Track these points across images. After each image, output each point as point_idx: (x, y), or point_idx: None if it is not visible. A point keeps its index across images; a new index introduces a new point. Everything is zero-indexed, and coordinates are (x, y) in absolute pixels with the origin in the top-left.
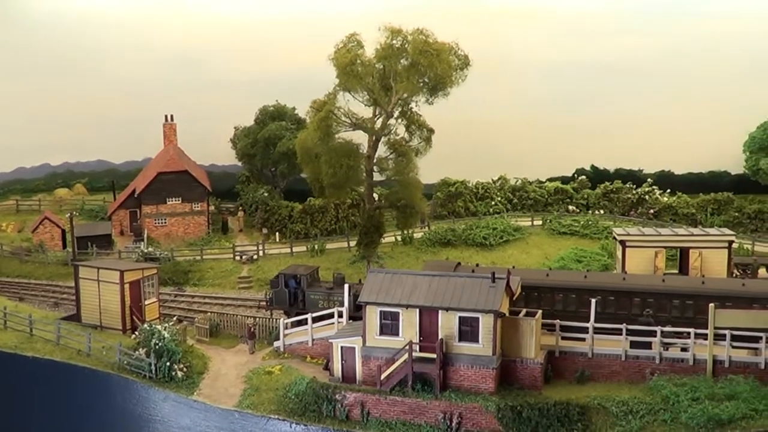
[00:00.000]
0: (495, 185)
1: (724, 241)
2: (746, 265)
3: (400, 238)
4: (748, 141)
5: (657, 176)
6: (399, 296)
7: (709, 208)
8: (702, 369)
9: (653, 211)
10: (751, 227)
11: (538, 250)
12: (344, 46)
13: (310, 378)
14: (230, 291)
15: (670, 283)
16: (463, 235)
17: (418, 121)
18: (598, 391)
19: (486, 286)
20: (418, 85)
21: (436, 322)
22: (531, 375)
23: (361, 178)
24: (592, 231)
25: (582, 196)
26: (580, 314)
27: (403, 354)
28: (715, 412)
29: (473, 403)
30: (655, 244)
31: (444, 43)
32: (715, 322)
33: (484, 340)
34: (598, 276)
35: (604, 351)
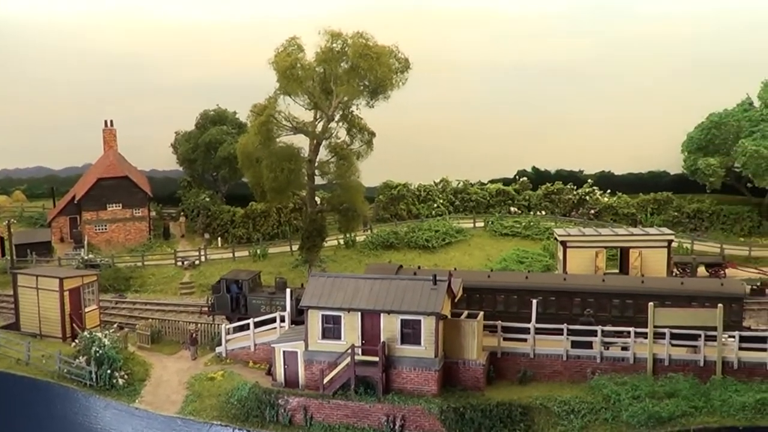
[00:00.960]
0: (437, 187)
1: (663, 240)
2: (686, 264)
3: (343, 242)
4: (686, 141)
5: (597, 177)
6: (341, 300)
7: (649, 208)
8: (642, 367)
9: (594, 212)
10: (691, 226)
11: (480, 252)
12: (284, 49)
13: (252, 383)
14: (172, 297)
15: (610, 282)
16: (406, 237)
17: (359, 124)
18: (540, 391)
19: (427, 289)
20: (358, 89)
21: (378, 325)
22: (473, 376)
23: (302, 181)
24: (534, 232)
25: (523, 197)
26: (522, 315)
27: (345, 357)
28: (656, 410)
29: (416, 406)
30: (595, 244)
31: (384, 46)
32: (655, 321)
33: (426, 342)
34: (539, 277)
35: (546, 351)
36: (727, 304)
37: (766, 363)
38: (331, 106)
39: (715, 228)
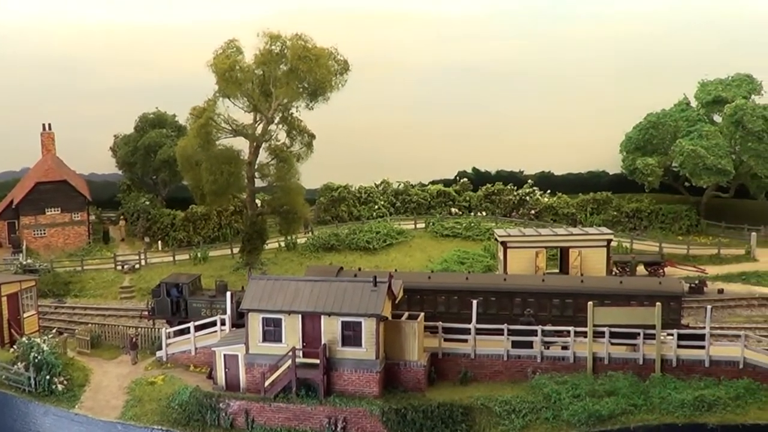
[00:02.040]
0: (378, 189)
1: (602, 240)
2: (625, 263)
3: (284, 244)
4: (625, 141)
5: (537, 177)
6: (281, 302)
7: (589, 208)
8: (582, 366)
9: (534, 212)
10: (630, 226)
11: (421, 253)
12: (223, 52)
13: (193, 387)
14: (112, 301)
15: (549, 282)
16: (347, 239)
17: (298, 126)
18: (481, 391)
19: (368, 291)
20: (297, 91)
21: (319, 327)
22: (415, 377)
23: (242, 184)
24: (475, 233)
25: (464, 198)
26: (463, 316)
27: (286, 360)
28: (596, 408)
29: (358, 408)
30: (535, 244)
31: (323, 48)
32: (594, 320)
33: (367, 344)
34: (479, 277)
35: (487, 351)
36: (666, 303)
37: (704, 360)
38: (270, 108)
39: (654, 227)
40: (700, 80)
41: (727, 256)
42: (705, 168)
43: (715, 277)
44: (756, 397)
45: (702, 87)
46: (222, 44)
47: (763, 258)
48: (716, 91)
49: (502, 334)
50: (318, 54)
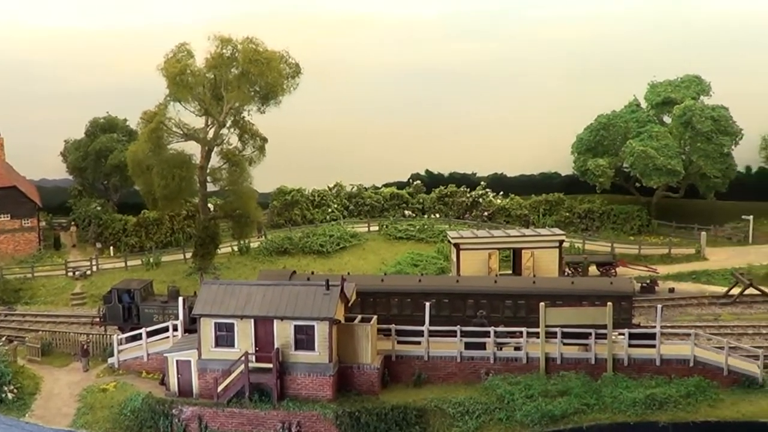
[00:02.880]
0: (331, 192)
1: (554, 240)
2: (577, 264)
3: (237, 249)
4: (576, 143)
5: (490, 179)
6: (233, 307)
7: (541, 209)
8: (535, 367)
9: (487, 214)
10: (582, 226)
11: (375, 256)
12: (174, 56)
13: (145, 393)
14: (63, 308)
15: (502, 283)
16: (300, 243)
17: (250, 130)
18: (435, 393)
19: (320, 294)
20: (249, 94)
21: (272, 331)
22: (368, 380)
23: (194, 189)
24: (428, 235)
25: (417, 200)
26: (416, 318)
27: (239, 365)
28: (549, 408)
29: (311, 411)
30: (488, 246)
31: (274, 51)
32: (546, 321)
33: (320, 347)
34: (432, 279)
35: (440, 353)
36: (617, 302)
37: (655, 359)
38: (222, 112)
39: (606, 227)
40: (650, 82)
41: (678, 255)
42: (655, 168)
43: (666, 276)
44: (706, 395)
45: (652, 88)
46: (173, 48)
47: (713, 257)
48: (666, 92)
49: (455, 335)
50: (269, 57)
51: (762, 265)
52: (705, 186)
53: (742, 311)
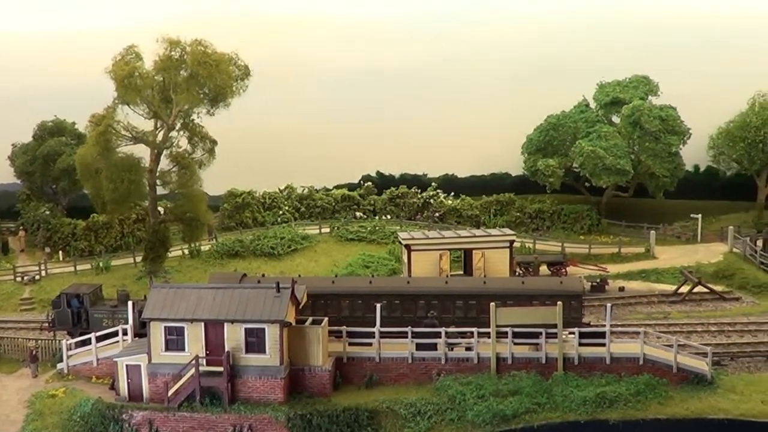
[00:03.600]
0: (282, 194)
1: (505, 241)
2: (528, 263)
3: (187, 252)
4: (526, 143)
5: (441, 180)
6: (183, 311)
7: (492, 209)
8: (486, 367)
9: (438, 215)
10: (533, 226)
11: (326, 258)
12: (122, 58)
13: (95, 399)
14: (11, 313)
15: (453, 284)
16: (251, 245)
17: (200, 132)
18: (386, 394)
19: (271, 297)
20: (198, 97)
21: (222, 335)
22: (320, 382)
23: (144, 192)
24: (380, 236)
25: (369, 202)
26: (367, 319)
27: (189, 369)
28: (500, 408)
29: (263, 414)
30: (439, 246)
31: (223, 53)
32: (497, 321)
33: (271, 350)
34: (383, 281)
35: (391, 354)
36: (567, 302)
37: (605, 357)
38: (171, 114)
39: (556, 227)
40: (599, 82)
41: (628, 254)
42: (604, 168)
43: (616, 275)
44: (656, 393)
45: (600, 89)
46: (121, 50)
47: (663, 255)
48: (614, 92)
49: (406, 337)
50: (218, 59)
51: (710, 263)
52: (654, 185)
53: (691, 309)
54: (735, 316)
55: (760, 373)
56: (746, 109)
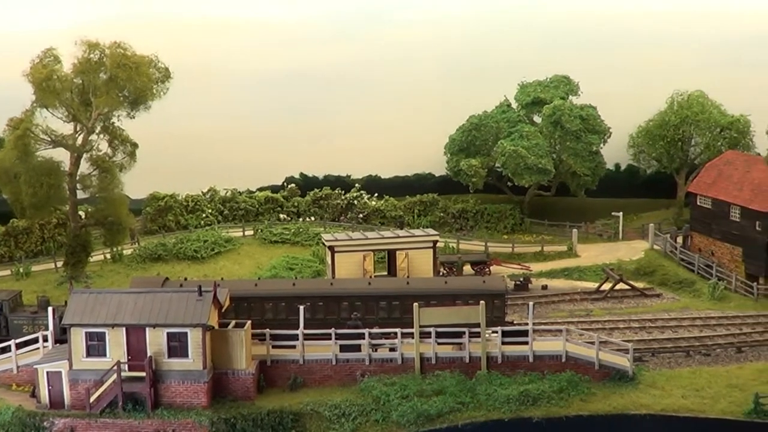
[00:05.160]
0: (205, 197)
1: (428, 241)
2: (452, 263)
3: (110, 256)
4: (449, 143)
5: (365, 181)
6: (104, 316)
7: (416, 210)
8: (410, 367)
9: (362, 216)
10: (456, 226)
11: (250, 260)
12: (40, 61)
13: (15, 407)
14: None
15: (376, 285)
16: (174, 249)
17: (120, 135)
18: (311, 396)
19: (193, 300)
20: (118, 99)
21: (144, 339)
22: (243, 386)
23: (64, 196)
24: (304, 238)
25: (292, 203)
26: (291, 322)
27: (111, 375)
28: (424, 408)
29: (186, 419)
30: (362, 248)
31: (143, 56)
32: (420, 321)
33: (193, 354)
34: (306, 283)
35: (315, 356)
36: (490, 301)
37: (528, 356)
38: (90, 118)
39: (480, 227)
40: (520, 82)
41: (551, 252)
42: (526, 168)
43: (540, 273)
44: (578, 389)
45: (522, 89)
46: (39, 53)
47: (585, 253)
48: (535, 92)
49: (330, 338)
50: (138, 62)
51: (632, 261)
52: (575, 184)
53: (613, 306)
54: (656, 313)
55: (681, 368)
56: (665, 108)
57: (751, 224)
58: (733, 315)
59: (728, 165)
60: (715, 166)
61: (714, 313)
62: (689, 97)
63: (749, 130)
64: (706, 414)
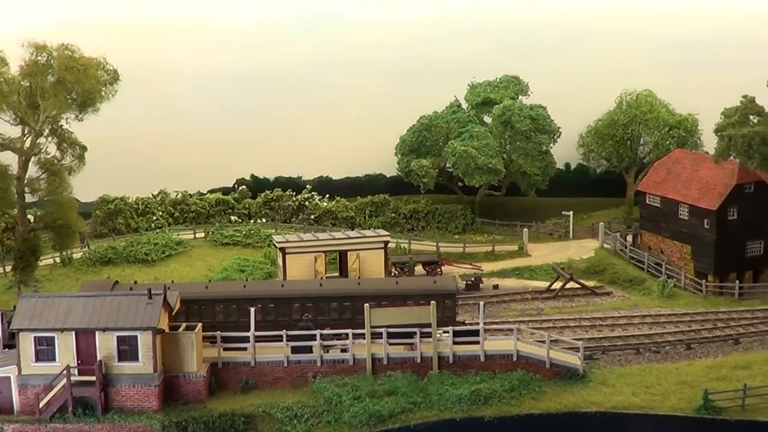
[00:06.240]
0: (156, 200)
1: (379, 242)
2: (403, 264)
3: (59, 260)
4: (399, 144)
5: (316, 182)
6: (53, 320)
7: (367, 211)
8: (362, 368)
9: (314, 217)
10: (408, 227)
11: (201, 263)
12: None
13: None
14: None
15: (327, 286)
16: (125, 252)
17: (69, 138)
18: (262, 398)
19: (143, 304)
20: (66, 102)
21: (94, 343)
22: (195, 389)
23: (12, 200)
24: (255, 240)
25: (243, 205)
26: (242, 324)
27: (61, 379)
28: (376, 408)
29: (137, 423)
30: (313, 249)
31: (91, 58)
32: (372, 321)
33: (144, 358)
34: (257, 285)
35: (267, 358)
36: (441, 301)
37: (479, 355)
38: (38, 120)
39: (431, 227)
40: (470, 82)
41: (502, 252)
42: (477, 168)
43: (491, 273)
44: (529, 388)
45: (472, 89)
46: None
47: (536, 253)
48: (485, 92)
49: (281, 340)
50: (86, 64)
51: (582, 259)
52: (526, 184)
53: (563, 305)
54: (606, 311)
55: (631, 366)
56: (614, 108)
57: (699, 222)
58: (682, 312)
59: (677, 164)
60: (664, 165)
61: (664, 310)
62: (638, 96)
63: (697, 129)
64: (656, 411)
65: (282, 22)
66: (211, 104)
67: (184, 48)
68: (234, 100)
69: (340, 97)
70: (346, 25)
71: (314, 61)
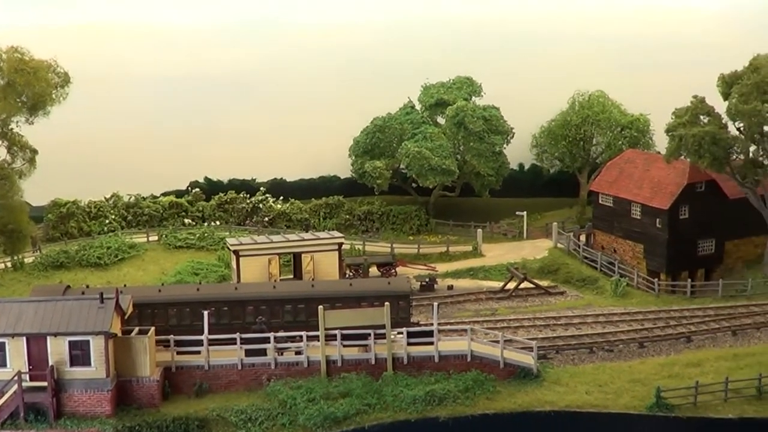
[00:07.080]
0: (108, 203)
1: (333, 243)
2: (357, 265)
3: (10, 265)
4: (353, 145)
5: (270, 184)
6: (3, 326)
7: (322, 213)
8: (317, 370)
9: (268, 219)
10: (362, 228)
11: (155, 266)
12: None
13: None
14: None
15: (281, 289)
16: (77, 256)
17: (19, 142)
18: (217, 402)
19: (95, 308)
20: (16, 105)
21: (45, 349)
22: (148, 393)
23: None
24: (209, 243)
25: (197, 208)
26: (196, 327)
27: (12, 385)
28: (331, 410)
29: (90, 428)
30: (267, 251)
31: (42, 60)
32: (326, 323)
33: (96, 362)
34: (210, 288)
35: (221, 362)
36: (395, 302)
37: (433, 356)
38: None
39: (386, 228)
40: (423, 84)
41: (456, 253)
42: (430, 169)
43: (445, 274)
44: (484, 388)
45: (425, 90)
46: None
47: (490, 253)
48: (438, 94)
49: (235, 343)
50: (36, 67)
51: (536, 259)
52: (480, 184)
53: (518, 305)
54: (560, 310)
55: (584, 365)
56: (566, 108)
57: (651, 221)
58: (635, 311)
59: (629, 163)
60: (616, 165)
61: (616, 309)
62: (590, 97)
63: (649, 129)
64: (609, 409)
65: (234, 25)
66: (164, 107)
67: (135, 50)
68: (186, 103)
69: (293, 99)
70: (300, 27)
71: (267, 63)
